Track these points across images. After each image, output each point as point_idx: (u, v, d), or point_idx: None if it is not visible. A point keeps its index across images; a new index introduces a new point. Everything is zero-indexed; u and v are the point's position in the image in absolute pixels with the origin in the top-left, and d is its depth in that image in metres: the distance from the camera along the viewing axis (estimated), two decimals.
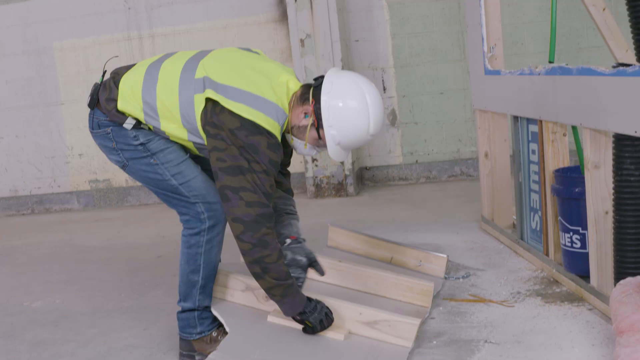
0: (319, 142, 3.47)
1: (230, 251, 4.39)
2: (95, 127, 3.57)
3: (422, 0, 7.92)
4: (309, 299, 3.51)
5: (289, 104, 3.46)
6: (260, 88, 3.36)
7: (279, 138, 3.37)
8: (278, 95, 3.40)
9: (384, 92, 8.06)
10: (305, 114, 3.44)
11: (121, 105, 3.46)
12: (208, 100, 3.34)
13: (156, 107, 3.42)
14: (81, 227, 7.55)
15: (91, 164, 8.61)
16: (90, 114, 3.58)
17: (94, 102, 3.55)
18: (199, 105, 3.36)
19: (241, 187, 3.28)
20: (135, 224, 7.45)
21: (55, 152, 8.68)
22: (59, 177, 8.72)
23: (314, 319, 3.48)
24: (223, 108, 3.29)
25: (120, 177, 8.60)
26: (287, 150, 3.80)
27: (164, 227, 6.92)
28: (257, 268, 3.33)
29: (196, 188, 3.52)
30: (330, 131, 3.40)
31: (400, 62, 8.05)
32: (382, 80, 8.05)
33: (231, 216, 3.30)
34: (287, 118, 3.44)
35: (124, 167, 3.60)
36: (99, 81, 3.60)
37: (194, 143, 3.49)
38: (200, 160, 3.69)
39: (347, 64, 7.85)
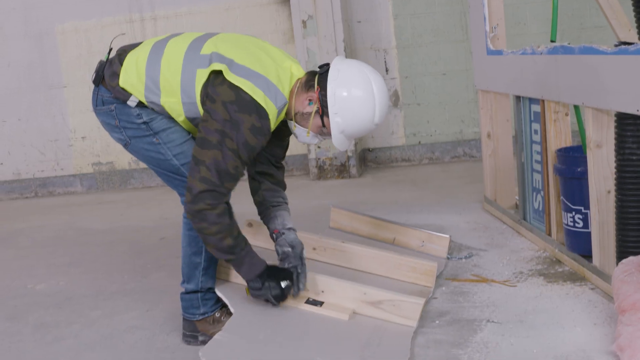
0: (322, 130, 3.47)
1: None
2: (99, 104, 3.56)
3: None
4: (266, 278, 3.49)
5: (292, 90, 3.46)
6: (265, 68, 3.37)
7: (272, 122, 3.35)
8: (281, 80, 3.40)
9: (387, 74, 8.04)
10: (310, 100, 3.43)
11: (123, 81, 3.45)
12: (211, 73, 3.34)
13: (159, 80, 3.42)
14: (84, 210, 7.56)
15: (94, 146, 8.61)
16: (94, 90, 3.58)
17: (99, 79, 3.55)
18: (201, 80, 3.36)
19: (202, 161, 3.29)
20: (138, 206, 7.46)
21: (58, 135, 8.67)
22: (62, 160, 8.72)
23: (253, 294, 3.54)
24: (224, 80, 3.30)
25: (123, 160, 8.59)
26: (282, 143, 3.80)
27: (167, 209, 6.92)
28: (200, 235, 3.39)
29: None
30: (335, 119, 3.40)
31: (403, 43, 8.02)
32: (385, 62, 8.03)
33: (186, 184, 3.34)
34: (287, 104, 3.43)
35: (126, 145, 3.60)
36: (104, 58, 3.60)
37: (192, 120, 3.48)
38: None
39: (349, 45, 7.83)
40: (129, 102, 3.46)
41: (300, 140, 3.57)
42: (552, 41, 4.68)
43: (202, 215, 3.29)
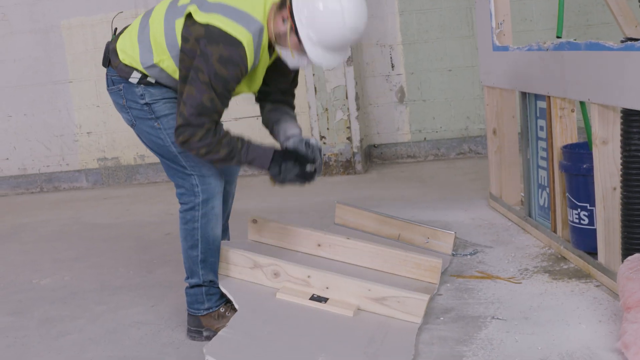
0: (302, 47, 3.37)
1: (239, 229, 4.41)
2: (109, 84, 3.64)
3: None
4: (281, 161, 3.48)
5: (269, 15, 3.40)
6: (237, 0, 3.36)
7: (248, 50, 3.30)
8: (254, 6, 3.35)
9: (392, 70, 8.03)
10: (284, 19, 3.36)
11: (121, 53, 3.54)
12: (186, 18, 3.37)
13: (149, 41, 3.48)
14: (90, 205, 7.57)
15: (100, 142, 8.62)
16: (106, 72, 3.65)
17: (107, 60, 3.61)
18: (179, 29, 3.39)
19: (181, 94, 3.36)
20: (143, 201, 7.46)
21: (63, 131, 8.68)
22: (67, 156, 8.73)
23: (278, 181, 3.53)
24: (195, 21, 3.32)
25: (128, 155, 8.60)
26: (284, 78, 3.77)
27: (172, 204, 6.87)
28: (201, 159, 3.47)
29: (193, 158, 3.53)
30: (304, 31, 3.30)
31: (409, 38, 8.01)
32: (390, 58, 8.02)
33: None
34: (266, 30, 3.38)
35: (132, 126, 3.66)
36: (110, 39, 3.67)
37: None
38: None
39: None
40: (131, 79, 3.52)
41: (291, 65, 3.50)
42: (558, 37, 4.67)
43: (186, 145, 3.36)
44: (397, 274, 4.03)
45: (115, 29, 3.74)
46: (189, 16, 3.36)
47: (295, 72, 3.84)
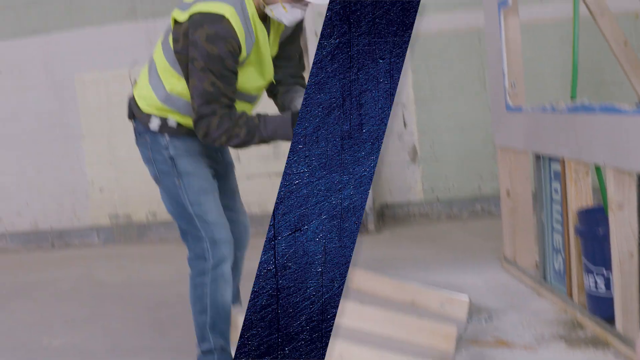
0: None
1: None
2: (137, 136, 3.65)
3: (443, 34, 7.89)
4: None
5: None
6: None
7: (235, 22, 3.28)
8: None
9: (405, 128, 8.02)
10: None
11: (140, 101, 3.56)
12: (174, 25, 3.43)
13: (158, 73, 3.49)
14: (101, 263, 7.53)
15: (112, 198, 8.61)
16: (132, 126, 3.66)
17: (131, 113, 3.63)
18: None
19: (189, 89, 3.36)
20: (155, 260, 7.43)
21: (75, 186, 8.68)
22: (79, 211, 8.72)
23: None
24: (179, 22, 3.37)
25: (140, 213, 8.58)
26: (289, 63, 3.76)
27: (184, 264, 6.83)
28: (225, 146, 3.45)
29: (208, 222, 3.54)
30: None
31: (421, 97, 8.01)
32: (403, 116, 8.02)
33: None
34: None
35: (157, 180, 3.64)
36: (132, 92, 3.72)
37: None
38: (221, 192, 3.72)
39: None
40: (151, 126, 3.50)
41: (287, 22, 3.42)
42: (572, 98, 4.66)
43: (208, 138, 3.33)
44: (412, 341, 3.98)
45: (135, 80, 3.79)
46: (175, 22, 3.41)
47: (300, 54, 3.81)
